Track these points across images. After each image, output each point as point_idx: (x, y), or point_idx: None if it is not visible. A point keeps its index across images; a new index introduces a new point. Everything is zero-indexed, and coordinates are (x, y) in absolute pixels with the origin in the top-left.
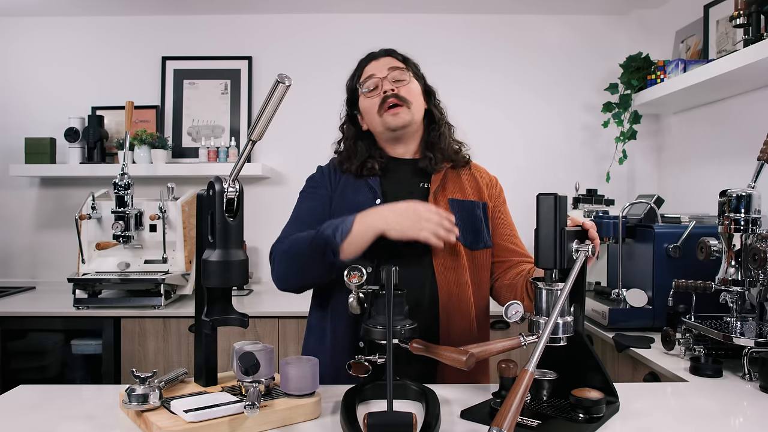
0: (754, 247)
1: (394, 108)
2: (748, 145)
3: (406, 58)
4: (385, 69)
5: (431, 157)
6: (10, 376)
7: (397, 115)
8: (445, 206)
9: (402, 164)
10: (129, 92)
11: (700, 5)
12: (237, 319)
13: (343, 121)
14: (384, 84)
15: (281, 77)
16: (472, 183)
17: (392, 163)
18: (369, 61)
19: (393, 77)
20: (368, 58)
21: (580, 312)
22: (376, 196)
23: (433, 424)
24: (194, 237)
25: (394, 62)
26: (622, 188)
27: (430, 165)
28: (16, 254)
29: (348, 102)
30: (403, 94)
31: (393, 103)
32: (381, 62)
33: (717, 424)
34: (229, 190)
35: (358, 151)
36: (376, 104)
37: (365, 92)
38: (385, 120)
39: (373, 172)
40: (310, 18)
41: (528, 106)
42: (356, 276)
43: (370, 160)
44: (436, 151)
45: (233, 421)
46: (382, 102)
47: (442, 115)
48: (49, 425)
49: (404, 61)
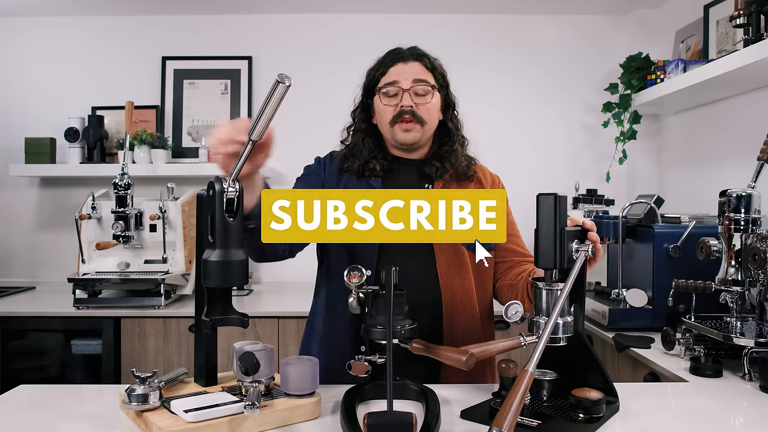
0: (754, 247)
1: (408, 124)
2: (748, 145)
3: (434, 65)
4: (411, 80)
5: (438, 166)
6: (10, 376)
7: (409, 132)
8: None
9: (407, 164)
10: (129, 92)
11: (700, 5)
12: (237, 319)
13: (356, 107)
14: (404, 97)
15: (281, 77)
16: (475, 183)
17: (396, 163)
18: (396, 61)
19: (416, 91)
20: (396, 57)
21: (580, 312)
22: None
23: (433, 424)
24: (194, 237)
25: (422, 72)
26: (622, 188)
27: (434, 173)
28: (16, 254)
29: (365, 91)
30: (420, 113)
31: (407, 119)
32: (409, 68)
33: (717, 424)
34: (229, 190)
35: (362, 150)
36: (390, 113)
37: (384, 95)
38: (395, 132)
39: (375, 173)
40: (310, 18)
41: (528, 106)
42: (356, 276)
43: (373, 161)
44: (444, 162)
45: (233, 421)
46: (398, 115)
47: (457, 131)
48: (49, 425)
49: (432, 69)
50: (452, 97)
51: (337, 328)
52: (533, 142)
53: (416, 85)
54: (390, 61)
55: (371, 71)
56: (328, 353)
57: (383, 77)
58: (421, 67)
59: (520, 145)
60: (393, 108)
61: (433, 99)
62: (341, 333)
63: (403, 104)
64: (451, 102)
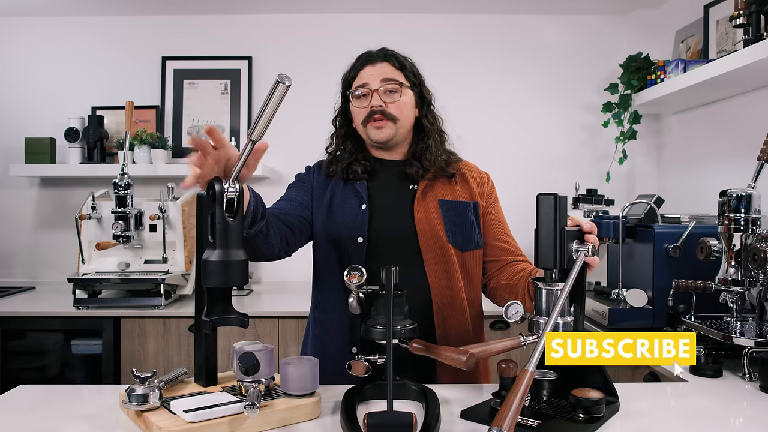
0: (754, 247)
1: (379, 122)
2: (748, 145)
3: (403, 64)
4: (379, 80)
5: (418, 166)
6: (10, 376)
7: (381, 130)
8: (435, 207)
9: (390, 166)
10: (129, 92)
11: (700, 5)
12: (237, 319)
13: (336, 113)
14: (374, 97)
15: (281, 77)
16: (462, 182)
17: (380, 166)
18: (365, 64)
19: (385, 89)
20: (365, 60)
21: (580, 312)
22: (362, 201)
23: (433, 424)
24: (194, 237)
25: (390, 71)
26: (622, 188)
27: (416, 174)
28: (16, 254)
29: (342, 95)
30: (391, 110)
31: (378, 118)
32: (377, 69)
33: (717, 424)
34: (229, 190)
35: (344, 154)
36: (363, 114)
37: (354, 99)
38: (368, 131)
39: (359, 176)
40: (310, 18)
41: (528, 106)
42: (356, 276)
43: (354, 163)
44: (423, 160)
45: (233, 421)
46: (369, 115)
47: (432, 126)
48: (49, 425)
49: (401, 68)
50: (427, 93)
51: (327, 329)
52: (533, 142)
53: (384, 84)
54: (360, 64)
55: (344, 76)
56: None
57: (354, 81)
58: (390, 67)
59: (520, 144)
60: (365, 109)
61: (402, 97)
62: (332, 334)
63: (373, 104)
64: (426, 98)
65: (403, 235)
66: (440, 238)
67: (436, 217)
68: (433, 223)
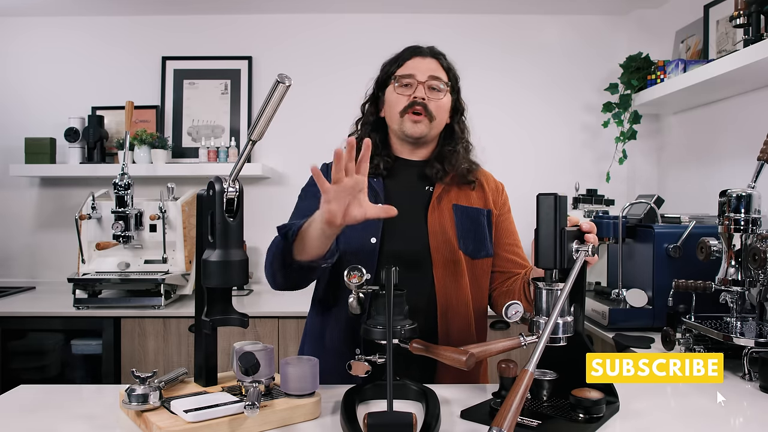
0: (754, 247)
1: (418, 116)
2: (748, 145)
3: (450, 66)
4: (427, 74)
5: (439, 168)
6: (10, 376)
7: (417, 125)
8: (449, 211)
9: (409, 166)
10: (129, 92)
11: (700, 5)
12: (237, 319)
13: (366, 99)
14: (418, 89)
15: (281, 77)
16: (478, 189)
17: (399, 164)
18: (414, 55)
19: (430, 86)
20: (415, 52)
21: (580, 312)
22: (378, 199)
23: (433, 424)
24: (194, 237)
25: (438, 70)
26: (622, 188)
27: (435, 175)
28: (16, 254)
29: (378, 82)
30: (431, 108)
31: (418, 111)
32: (425, 63)
33: (717, 424)
34: (229, 190)
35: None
36: (403, 102)
37: (397, 86)
38: (403, 123)
39: (378, 172)
40: (310, 18)
41: (528, 107)
42: (356, 276)
43: (377, 157)
44: (445, 163)
45: (233, 421)
46: (409, 105)
47: (462, 134)
48: (49, 425)
49: (447, 70)
50: (462, 102)
51: (328, 328)
52: (533, 142)
53: (431, 80)
54: (408, 54)
55: (387, 64)
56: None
57: (399, 69)
58: (438, 65)
59: (520, 145)
60: (406, 98)
61: (445, 97)
62: (339, 335)
63: (416, 95)
64: (460, 107)
65: (415, 237)
66: (451, 243)
67: (449, 222)
68: (446, 227)
